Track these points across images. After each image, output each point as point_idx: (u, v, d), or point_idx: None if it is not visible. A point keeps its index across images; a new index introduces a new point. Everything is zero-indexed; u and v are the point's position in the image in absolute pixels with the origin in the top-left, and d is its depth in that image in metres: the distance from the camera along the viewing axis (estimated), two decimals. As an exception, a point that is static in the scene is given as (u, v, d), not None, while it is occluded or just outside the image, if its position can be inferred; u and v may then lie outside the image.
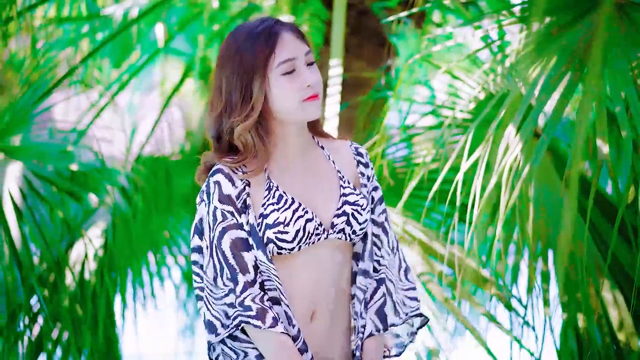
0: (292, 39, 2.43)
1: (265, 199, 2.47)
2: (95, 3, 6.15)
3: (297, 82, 2.41)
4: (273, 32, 2.41)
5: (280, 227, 2.44)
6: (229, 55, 2.45)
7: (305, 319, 2.51)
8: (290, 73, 2.41)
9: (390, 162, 3.88)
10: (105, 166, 4.62)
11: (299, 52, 2.43)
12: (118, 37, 5.92)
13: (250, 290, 2.43)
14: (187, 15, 5.84)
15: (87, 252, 4.49)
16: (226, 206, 2.46)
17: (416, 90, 4.16)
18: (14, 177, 4.27)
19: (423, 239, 3.49)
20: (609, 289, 3.37)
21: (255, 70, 2.41)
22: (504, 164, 2.70)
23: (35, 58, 4.83)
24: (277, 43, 2.41)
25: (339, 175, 2.57)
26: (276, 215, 2.45)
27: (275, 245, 2.45)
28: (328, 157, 2.60)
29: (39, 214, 4.28)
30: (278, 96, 2.42)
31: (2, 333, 4.26)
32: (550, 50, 2.92)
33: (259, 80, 2.41)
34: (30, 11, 4.81)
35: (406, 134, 3.87)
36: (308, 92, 2.42)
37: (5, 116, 4.49)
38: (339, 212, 2.51)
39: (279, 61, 2.40)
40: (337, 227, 2.51)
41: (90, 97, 5.40)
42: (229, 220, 2.45)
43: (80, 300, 4.43)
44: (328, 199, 2.54)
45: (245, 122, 2.43)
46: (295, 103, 2.42)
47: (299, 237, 2.46)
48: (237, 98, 2.43)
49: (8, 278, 4.10)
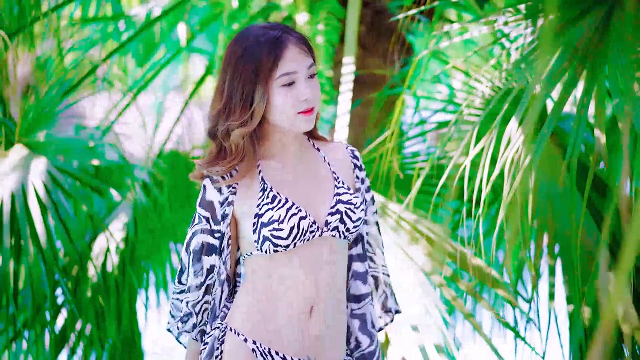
0: (296, 52, 2.47)
1: (259, 199, 2.54)
2: (119, 4, 6.23)
3: (294, 95, 2.46)
4: (279, 42, 2.46)
5: (275, 224, 2.51)
6: (234, 59, 2.49)
7: (303, 315, 2.58)
8: (289, 85, 2.47)
9: (401, 157, 3.94)
10: (127, 162, 4.64)
11: (302, 65, 2.48)
12: (141, 37, 6.00)
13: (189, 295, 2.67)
14: (208, 15, 5.86)
15: (110, 245, 4.53)
16: (204, 211, 2.59)
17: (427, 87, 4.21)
18: (39, 172, 4.28)
19: (431, 236, 3.53)
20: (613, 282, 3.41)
21: (258, 79, 2.46)
22: (506, 157, 2.76)
23: (61, 58, 4.86)
24: (281, 55, 2.45)
25: (334, 176, 2.64)
26: (270, 214, 2.52)
27: (271, 243, 2.52)
28: (324, 159, 2.67)
29: (63, 209, 4.26)
30: (275, 106, 2.48)
31: (27, 325, 4.30)
32: (555, 46, 2.97)
33: (261, 90, 2.46)
34: (56, 12, 4.85)
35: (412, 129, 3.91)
36: (303, 106, 2.47)
37: (30, 113, 4.51)
38: (333, 210, 2.58)
39: (280, 73, 2.45)
40: (331, 224, 2.58)
41: (115, 95, 5.48)
42: (200, 224, 2.60)
43: (103, 292, 4.48)
44: (322, 199, 2.61)
45: (243, 129, 2.49)
46: (290, 115, 2.48)
47: (293, 233, 2.52)
48: (237, 102, 2.49)
49: (33, 271, 4.12)
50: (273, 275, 2.57)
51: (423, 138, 4.30)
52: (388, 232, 3.53)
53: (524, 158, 2.72)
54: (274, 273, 2.57)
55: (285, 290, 2.57)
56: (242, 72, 2.47)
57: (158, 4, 6.06)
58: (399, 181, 3.80)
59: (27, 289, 4.34)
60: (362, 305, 2.71)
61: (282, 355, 2.58)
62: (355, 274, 2.69)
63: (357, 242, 2.71)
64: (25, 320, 4.33)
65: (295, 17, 5.16)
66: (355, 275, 2.70)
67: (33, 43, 4.64)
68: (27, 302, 4.38)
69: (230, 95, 2.50)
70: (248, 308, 2.60)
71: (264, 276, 2.58)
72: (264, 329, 2.58)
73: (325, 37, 4.98)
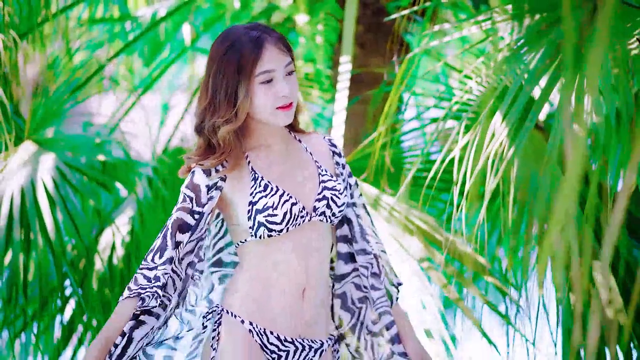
0: (275, 51, 2.62)
1: (252, 188, 2.67)
2: (126, 5, 6.33)
3: (273, 92, 2.62)
4: (258, 42, 2.61)
5: (269, 210, 2.65)
6: (217, 58, 2.64)
7: (297, 296, 2.72)
8: (268, 82, 2.62)
9: (398, 151, 4.06)
10: (130, 158, 4.72)
11: (280, 64, 2.63)
12: (147, 37, 6.10)
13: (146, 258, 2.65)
14: (212, 15, 5.94)
15: (116, 239, 4.60)
16: (189, 191, 2.67)
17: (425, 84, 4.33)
18: (48, 168, 4.35)
19: (423, 227, 3.66)
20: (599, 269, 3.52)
21: (240, 77, 2.60)
22: (489, 149, 2.89)
23: (70, 58, 4.95)
24: (260, 54, 2.60)
25: (317, 165, 2.80)
26: (265, 201, 2.66)
27: (265, 228, 2.66)
28: (306, 150, 2.82)
29: (71, 203, 4.34)
30: (256, 102, 2.62)
31: (36, 315, 4.37)
32: (539, 45, 3.10)
33: (244, 87, 2.60)
34: (65, 13, 4.95)
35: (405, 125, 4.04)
36: (282, 101, 2.63)
37: (39, 111, 4.59)
38: (320, 196, 2.74)
39: (259, 71, 2.60)
40: (318, 210, 2.73)
41: (122, 94, 5.57)
42: (185, 203, 2.67)
43: (110, 284, 4.53)
44: (308, 186, 2.76)
45: (229, 125, 2.63)
46: (270, 110, 2.63)
47: (286, 219, 2.67)
48: (222, 99, 2.63)
49: (42, 264, 4.18)
50: (266, 261, 2.70)
51: (422, 132, 4.42)
52: (382, 223, 3.67)
53: (507, 150, 2.86)
54: (268, 259, 2.70)
55: (278, 276, 2.71)
56: (225, 71, 2.61)
57: (163, 5, 6.17)
58: (395, 175, 3.92)
59: (36, 281, 4.37)
60: (342, 284, 2.86)
61: (276, 335, 2.72)
62: (339, 254, 2.85)
63: (342, 223, 2.86)
64: (35, 311, 4.39)
65: (295, 17, 5.28)
66: (339, 255, 2.86)
67: (42, 43, 4.70)
68: (36, 294, 4.43)
69: (215, 93, 2.63)
70: (243, 293, 2.73)
71: (258, 263, 2.71)
72: (258, 312, 2.70)
73: (325, 37, 5.09)
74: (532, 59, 3.05)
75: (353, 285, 2.88)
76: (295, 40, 5.54)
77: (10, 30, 4.31)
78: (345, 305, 2.88)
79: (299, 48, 5.38)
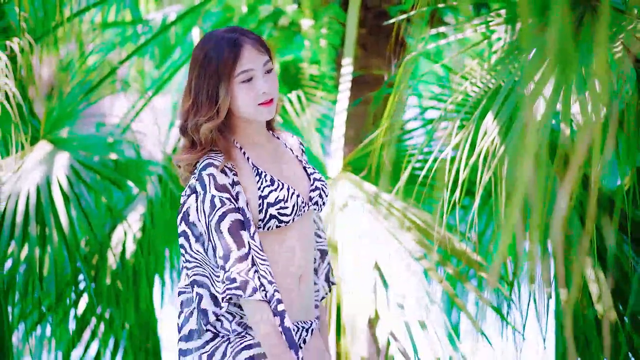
0: (252, 51, 2.77)
1: (259, 183, 2.80)
2: (137, 9, 6.44)
3: (254, 89, 2.76)
4: (237, 44, 2.75)
5: (281, 203, 2.80)
6: (199, 59, 2.77)
7: (296, 282, 2.88)
8: (248, 81, 2.76)
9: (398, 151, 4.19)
10: (141, 158, 4.78)
11: (258, 62, 2.77)
12: (158, 40, 6.20)
13: (238, 265, 2.70)
14: (221, 19, 5.99)
15: (127, 235, 4.68)
16: (223, 194, 2.75)
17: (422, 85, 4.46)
18: (62, 167, 4.42)
19: (419, 224, 3.81)
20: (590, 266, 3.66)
21: (221, 77, 2.73)
22: (481, 147, 3.04)
23: (83, 60, 5.06)
24: (239, 54, 2.74)
25: (299, 159, 2.97)
26: (275, 195, 2.80)
27: (277, 220, 2.81)
28: (285, 145, 2.98)
29: (84, 200, 4.40)
30: (238, 100, 2.76)
31: (51, 309, 4.44)
32: (531, 48, 3.24)
33: (224, 87, 2.74)
34: (79, 17, 5.03)
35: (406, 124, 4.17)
36: (263, 98, 2.78)
37: (54, 112, 4.67)
38: (313, 187, 2.92)
39: (239, 71, 2.74)
40: (313, 199, 2.92)
41: (133, 95, 5.67)
42: (227, 206, 2.74)
43: (121, 279, 4.60)
44: (299, 179, 2.93)
45: (210, 123, 2.76)
46: (252, 107, 2.78)
47: (294, 211, 2.83)
48: (204, 99, 2.76)
49: (57, 258, 4.21)
50: (272, 250, 2.84)
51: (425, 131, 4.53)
52: (380, 220, 3.81)
53: (498, 148, 3.00)
54: (272, 249, 2.84)
55: (281, 265, 2.84)
56: (206, 72, 2.75)
57: (173, 9, 6.28)
58: (395, 173, 4.05)
59: (51, 275, 4.38)
60: None
61: None
62: None
63: None
64: (50, 304, 4.46)
65: (300, 21, 5.41)
66: None
67: (57, 46, 4.76)
68: (51, 288, 4.44)
69: (197, 94, 2.76)
70: None
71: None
72: None
73: (328, 40, 5.23)
74: (523, 61, 3.19)
75: None
76: (300, 43, 5.66)
77: (25, 34, 4.37)
78: None
79: (304, 51, 5.49)
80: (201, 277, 2.81)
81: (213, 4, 5.85)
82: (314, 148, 4.37)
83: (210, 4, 5.75)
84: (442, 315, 3.55)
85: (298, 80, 5.56)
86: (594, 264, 3.65)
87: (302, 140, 3.23)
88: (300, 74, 5.58)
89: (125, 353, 4.74)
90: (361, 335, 3.64)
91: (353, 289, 3.75)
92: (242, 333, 2.83)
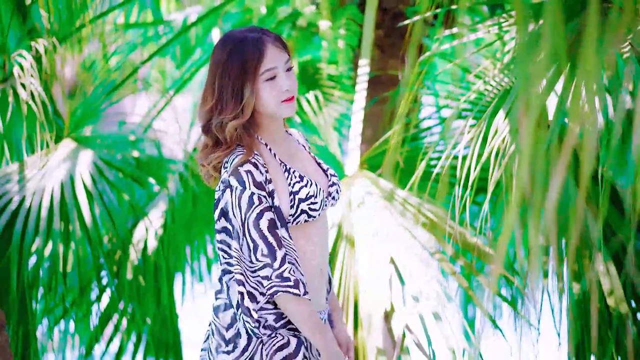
0: (275, 50, 2.83)
1: (289, 179, 2.88)
2: (159, 10, 6.52)
3: (277, 87, 2.82)
4: (261, 43, 2.80)
5: (312, 199, 2.88)
6: (222, 60, 2.82)
7: (318, 274, 2.97)
8: (272, 79, 2.82)
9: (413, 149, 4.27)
10: (163, 156, 4.83)
11: (280, 60, 2.83)
12: (179, 41, 6.26)
13: (287, 264, 2.78)
14: (240, 20, 6.06)
15: (149, 231, 4.73)
16: (261, 191, 2.80)
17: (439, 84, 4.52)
18: (85, 164, 4.48)
19: (433, 218, 3.88)
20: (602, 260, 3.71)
21: (246, 76, 2.78)
22: (492, 145, 3.11)
23: (106, 60, 5.09)
24: (263, 53, 2.80)
25: (311, 155, 3.05)
26: (306, 191, 2.88)
27: (306, 215, 2.89)
28: (298, 142, 3.07)
29: (107, 197, 4.44)
30: (262, 98, 2.82)
31: (75, 304, 4.50)
32: (541, 49, 3.30)
33: (249, 86, 2.79)
34: (102, 18, 5.07)
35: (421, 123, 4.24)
36: (285, 95, 2.84)
37: (78, 111, 4.75)
38: (331, 182, 3.01)
39: (263, 69, 2.80)
40: (332, 194, 3.00)
41: (154, 95, 5.73)
42: (264, 204, 2.80)
43: (143, 275, 4.65)
44: (317, 174, 3.01)
45: (236, 121, 2.80)
46: (276, 104, 2.84)
47: (322, 205, 2.92)
48: (229, 98, 2.80)
49: (80, 254, 4.26)
50: (298, 244, 2.91)
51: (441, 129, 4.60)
52: (395, 215, 3.89)
53: (509, 146, 3.07)
54: (298, 243, 2.91)
55: (307, 258, 2.93)
56: (230, 72, 2.79)
57: (194, 10, 6.35)
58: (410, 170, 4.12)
59: (74, 271, 4.47)
60: None
61: None
62: None
63: None
64: (73, 299, 4.53)
65: (318, 22, 5.48)
66: None
67: (80, 47, 4.81)
68: (74, 283, 4.55)
69: (221, 94, 2.81)
70: None
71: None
72: None
73: (346, 41, 5.30)
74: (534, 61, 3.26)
75: None
76: (318, 43, 5.73)
77: (50, 35, 4.45)
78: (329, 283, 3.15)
79: (322, 51, 5.56)
80: (240, 275, 2.86)
81: (233, 5, 5.91)
82: (332, 147, 4.44)
83: (230, 5, 5.81)
84: (457, 309, 3.62)
85: (316, 80, 5.62)
86: (604, 258, 3.70)
87: (319, 139, 3.31)
88: (318, 74, 5.64)
89: (147, 347, 4.80)
90: (377, 328, 3.72)
91: (369, 283, 3.83)
92: (272, 334, 2.90)
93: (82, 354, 4.73)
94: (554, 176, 1.86)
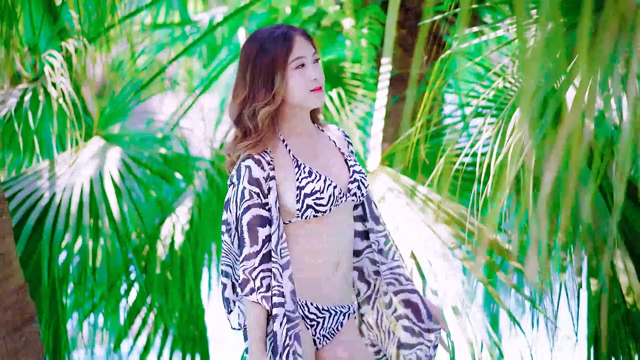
0: (303, 41, 2.94)
1: (297, 174, 2.96)
2: (186, 11, 6.60)
3: (306, 75, 2.92)
4: (288, 35, 2.92)
5: (317, 194, 2.95)
6: (252, 55, 2.92)
7: (332, 269, 3.04)
8: (300, 67, 2.92)
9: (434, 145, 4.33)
10: (189, 153, 4.89)
11: (308, 51, 2.94)
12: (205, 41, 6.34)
13: (245, 262, 2.89)
14: (266, 20, 6.14)
15: (176, 227, 4.80)
16: (254, 187, 2.91)
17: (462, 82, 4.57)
18: (114, 161, 4.56)
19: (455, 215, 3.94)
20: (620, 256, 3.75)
21: (276, 65, 2.89)
22: (510, 142, 3.17)
23: (134, 60, 5.17)
24: (292, 43, 2.91)
25: (341, 151, 3.11)
26: (312, 186, 2.95)
27: (313, 210, 2.96)
28: (329, 138, 3.13)
29: (135, 194, 4.53)
30: (291, 86, 2.92)
31: (104, 298, 4.60)
32: (557, 48, 3.35)
33: (279, 74, 2.89)
34: (130, 19, 5.18)
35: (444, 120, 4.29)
36: (314, 85, 2.94)
37: (106, 109, 4.85)
38: (352, 179, 3.06)
39: (293, 58, 2.90)
40: (352, 191, 3.05)
41: (181, 93, 5.81)
42: (254, 200, 2.90)
43: (170, 269, 4.72)
44: (340, 171, 3.07)
45: (268, 107, 2.90)
46: (305, 92, 2.93)
47: (331, 201, 2.98)
48: (260, 87, 2.90)
49: (109, 250, 4.34)
50: (310, 240, 2.99)
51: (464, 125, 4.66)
52: (416, 211, 3.96)
53: (526, 143, 3.12)
54: (311, 238, 2.99)
55: (319, 254, 3.00)
56: (261, 64, 2.90)
57: (220, 10, 6.43)
58: (431, 167, 4.19)
59: (103, 266, 4.57)
60: (360, 259, 3.19)
61: (315, 305, 3.04)
62: (356, 232, 3.17)
63: (356, 205, 3.18)
64: (102, 294, 4.62)
65: (341, 22, 5.55)
66: (356, 233, 3.17)
67: (109, 47, 4.90)
68: (103, 278, 4.64)
69: (253, 85, 2.91)
70: None
71: (302, 242, 3.00)
72: (299, 288, 3.00)
73: (369, 40, 5.36)
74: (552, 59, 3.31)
75: (368, 259, 3.20)
76: (342, 42, 5.79)
77: (80, 36, 4.55)
78: (362, 277, 3.20)
79: (346, 50, 5.62)
80: (226, 266, 3.03)
81: (258, 5, 5.98)
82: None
83: (256, 5, 5.88)
84: (477, 304, 3.68)
85: (340, 78, 5.68)
86: (622, 253, 3.74)
87: None
88: (342, 72, 5.71)
89: (174, 341, 4.88)
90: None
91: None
92: None
93: (111, 347, 4.82)
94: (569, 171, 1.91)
